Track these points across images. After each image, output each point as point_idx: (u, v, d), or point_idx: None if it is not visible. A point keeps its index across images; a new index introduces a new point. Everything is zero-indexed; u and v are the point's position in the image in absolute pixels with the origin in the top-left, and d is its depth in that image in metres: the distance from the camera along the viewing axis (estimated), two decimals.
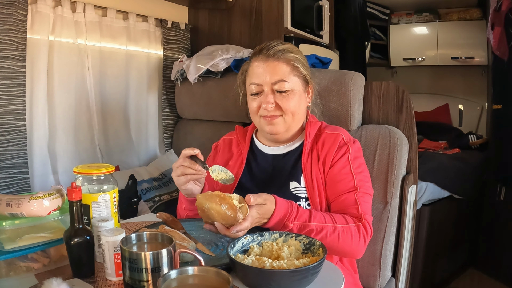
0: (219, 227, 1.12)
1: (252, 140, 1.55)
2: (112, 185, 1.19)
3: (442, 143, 3.65)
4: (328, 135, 1.42)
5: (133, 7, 2.25)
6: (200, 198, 1.14)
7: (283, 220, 1.18)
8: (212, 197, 1.12)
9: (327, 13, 2.82)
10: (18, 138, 1.79)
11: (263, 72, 1.37)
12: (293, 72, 1.38)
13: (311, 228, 1.20)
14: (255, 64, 1.40)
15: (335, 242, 1.23)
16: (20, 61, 1.75)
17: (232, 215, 1.08)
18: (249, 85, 1.42)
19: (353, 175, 1.35)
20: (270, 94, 1.36)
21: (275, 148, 1.48)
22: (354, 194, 1.32)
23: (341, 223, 1.25)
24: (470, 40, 4.16)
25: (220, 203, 1.09)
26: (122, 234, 1.03)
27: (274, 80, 1.36)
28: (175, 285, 0.81)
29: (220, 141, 1.62)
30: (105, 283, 1.03)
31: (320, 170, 1.38)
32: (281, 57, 1.37)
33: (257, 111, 1.40)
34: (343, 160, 1.37)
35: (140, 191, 2.10)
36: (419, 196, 2.61)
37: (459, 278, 3.09)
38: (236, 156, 1.52)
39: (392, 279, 1.74)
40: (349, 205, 1.32)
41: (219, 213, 1.09)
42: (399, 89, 1.77)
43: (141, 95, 2.37)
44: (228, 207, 1.08)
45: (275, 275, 0.93)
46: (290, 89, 1.37)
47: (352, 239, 1.26)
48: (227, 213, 1.08)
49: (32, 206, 1.06)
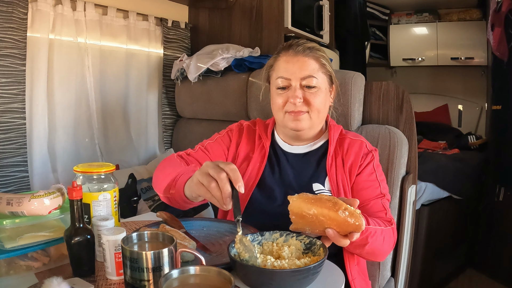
0: (333, 234, 1.03)
1: (272, 135, 1.52)
2: (112, 184, 1.19)
3: (442, 144, 3.66)
4: (352, 141, 1.42)
5: (133, 6, 2.25)
6: (299, 202, 1.05)
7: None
8: (321, 202, 1.03)
9: (327, 13, 2.82)
10: (18, 137, 1.79)
11: (292, 67, 1.36)
12: (321, 69, 1.38)
13: (370, 231, 1.18)
14: (283, 59, 1.39)
15: (380, 245, 1.23)
16: (20, 59, 1.75)
17: (357, 223, 1.01)
18: (275, 79, 1.39)
19: (379, 182, 1.37)
20: (298, 89, 1.35)
21: (295, 147, 1.46)
22: (380, 200, 1.34)
23: (383, 225, 1.26)
24: (470, 40, 4.16)
25: (337, 209, 1.01)
26: (123, 234, 1.03)
27: (303, 75, 1.35)
28: (177, 284, 0.81)
29: (245, 126, 1.55)
30: (106, 282, 1.02)
31: (346, 175, 1.38)
32: (310, 54, 1.37)
33: (282, 107, 1.38)
34: (369, 167, 1.38)
35: (140, 190, 2.10)
36: (419, 196, 2.62)
37: (458, 278, 3.10)
38: (258, 149, 1.48)
39: (391, 279, 1.74)
40: (377, 211, 1.33)
41: (335, 220, 1.01)
42: (399, 89, 1.77)
43: (141, 94, 2.37)
44: (349, 214, 1.01)
45: (276, 274, 0.93)
46: (318, 86, 1.36)
47: (390, 241, 1.27)
48: (348, 220, 1.01)
49: (33, 204, 1.06)
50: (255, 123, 1.56)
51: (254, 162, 1.45)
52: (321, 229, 1.04)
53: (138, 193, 2.07)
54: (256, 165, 1.44)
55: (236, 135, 1.53)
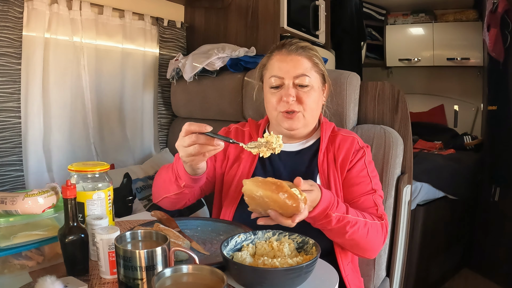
0: (275, 215, 1.08)
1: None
2: (107, 183, 1.19)
3: (437, 144, 3.67)
4: (344, 138, 1.43)
5: (129, 5, 2.24)
6: (249, 184, 1.10)
7: (327, 209, 1.17)
8: (266, 184, 1.07)
9: (323, 13, 2.82)
10: (13, 136, 1.78)
11: (285, 66, 1.37)
12: (314, 68, 1.39)
13: (348, 220, 1.20)
14: (277, 58, 1.40)
15: (363, 237, 1.24)
16: (16, 59, 1.75)
17: (294, 204, 1.05)
18: (269, 78, 1.40)
19: (371, 178, 1.37)
20: (291, 88, 1.36)
21: (287, 145, 1.46)
22: (372, 196, 1.35)
23: (370, 219, 1.27)
24: (466, 41, 4.17)
25: (278, 191, 1.05)
26: (117, 232, 1.03)
27: (296, 73, 1.36)
28: (170, 283, 0.81)
29: (232, 129, 1.58)
30: (100, 281, 1.03)
31: (338, 171, 1.39)
32: (303, 53, 1.38)
33: (276, 106, 1.39)
34: (360, 163, 1.39)
35: (135, 189, 2.09)
36: (414, 196, 2.62)
37: (453, 278, 3.10)
38: None
39: (387, 279, 1.75)
40: (368, 207, 1.34)
41: (277, 202, 1.06)
42: (395, 89, 1.78)
43: (137, 94, 2.36)
44: (288, 196, 1.05)
45: (269, 273, 0.93)
46: (311, 85, 1.37)
47: (377, 235, 1.28)
48: (287, 202, 1.05)
49: (27, 203, 1.06)
50: (245, 124, 1.58)
51: (244, 162, 1.46)
52: (268, 210, 1.09)
53: (133, 193, 2.07)
54: (247, 164, 1.45)
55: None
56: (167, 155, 2.40)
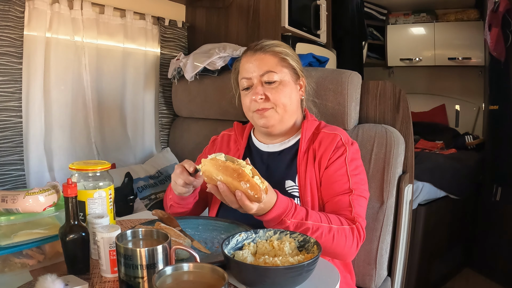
0: (240, 197, 1.08)
1: (249, 137, 1.55)
2: (108, 182, 1.19)
3: (439, 143, 3.67)
4: (325, 135, 1.41)
5: (130, 5, 2.24)
6: (208, 166, 1.10)
7: (281, 215, 1.16)
8: (227, 170, 1.07)
9: (324, 13, 2.82)
10: (14, 135, 1.78)
11: (251, 66, 1.39)
12: (281, 63, 1.40)
13: (307, 227, 1.19)
14: (244, 60, 1.43)
15: (329, 243, 1.22)
16: (17, 58, 1.75)
17: (256, 195, 1.06)
18: (240, 81, 1.44)
19: (349, 177, 1.33)
20: (259, 86, 1.38)
21: (270, 146, 1.47)
22: (348, 196, 1.31)
23: (336, 224, 1.24)
24: (467, 41, 4.17)
25: (239, 180, 1.05)
26: (118, 231, 1.03)
27: (262, 71, 1.37)
28: (170, 281, 0.81)
29: (219, 136, 1.62)
30: (100, 280, 1.03)
31: (316, 170, 1.37)
32: (268, 50, 1.40)
33: (249, 106, 1.41)
34: (339, 161, 1.35)
35: (136, 189, 2.09)
36: (415, 196, 2.62)
37: (455, 278, 3.10)
38: (233, 152, 1.52)
39: (388, 278, 1.74)
40: (343, 207, 1.31)
41: (238, 189, 1.07)
42: (396, 88, 1.77)
43: (138, 93, 2.37)
44: (250, 186, 1.05)
45: (270, 272, 0.93)
46: (279, 80, 1.38)
47: (346, 241, 1.24)
48: (249, 192, 1.06)
49: (28, 202, 1.06)
50: (232, 129, 1.61)
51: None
52: (236, 190, 1.09)
53: (134, 192, 2.07)
54: None
55: (210, 145, 1.62)
56: (168, 154, 2.40)
